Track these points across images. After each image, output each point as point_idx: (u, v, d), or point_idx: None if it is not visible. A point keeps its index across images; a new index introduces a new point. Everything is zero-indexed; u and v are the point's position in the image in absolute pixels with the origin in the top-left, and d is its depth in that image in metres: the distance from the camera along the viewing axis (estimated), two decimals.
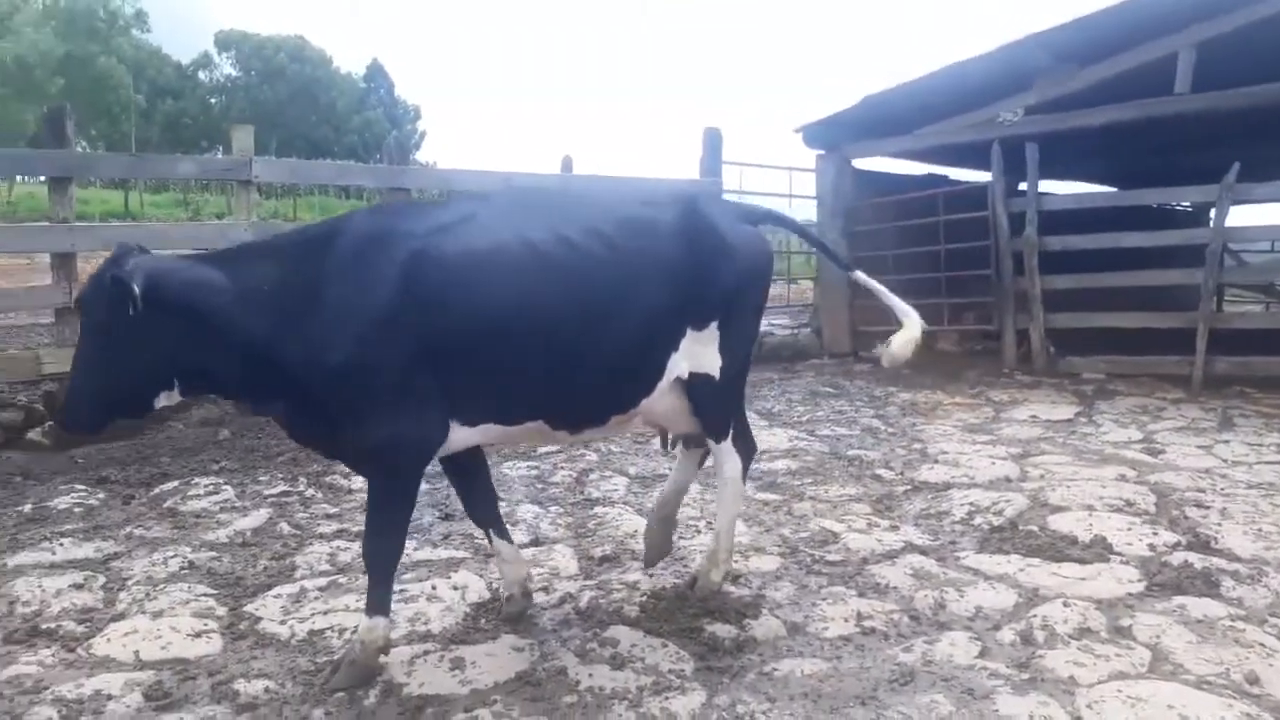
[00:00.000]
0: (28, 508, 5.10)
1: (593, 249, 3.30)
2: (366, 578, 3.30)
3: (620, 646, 3.48)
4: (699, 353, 3.54)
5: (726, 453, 3.79)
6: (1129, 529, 4.79)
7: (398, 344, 3.02)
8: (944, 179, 12.46)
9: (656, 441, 6.84)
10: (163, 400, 3.11)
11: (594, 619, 3.76)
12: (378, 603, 3.25)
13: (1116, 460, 6.31)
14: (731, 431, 3.78)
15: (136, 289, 2.86)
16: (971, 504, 5.26)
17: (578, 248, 3.28)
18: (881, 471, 6.08)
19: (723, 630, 3.63)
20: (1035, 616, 3.70)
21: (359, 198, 36.61)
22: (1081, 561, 4.33)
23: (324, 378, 3.01)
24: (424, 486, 5.64)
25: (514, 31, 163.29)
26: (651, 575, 4.19)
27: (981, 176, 12.33)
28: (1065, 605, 3.81)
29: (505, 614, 3.74)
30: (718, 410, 3.70)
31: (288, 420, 3.24)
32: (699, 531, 4.81)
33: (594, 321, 3.28)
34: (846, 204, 11.63)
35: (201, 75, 63.17)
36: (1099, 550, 4.49)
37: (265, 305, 3.02)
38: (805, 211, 12.15)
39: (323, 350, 2.98)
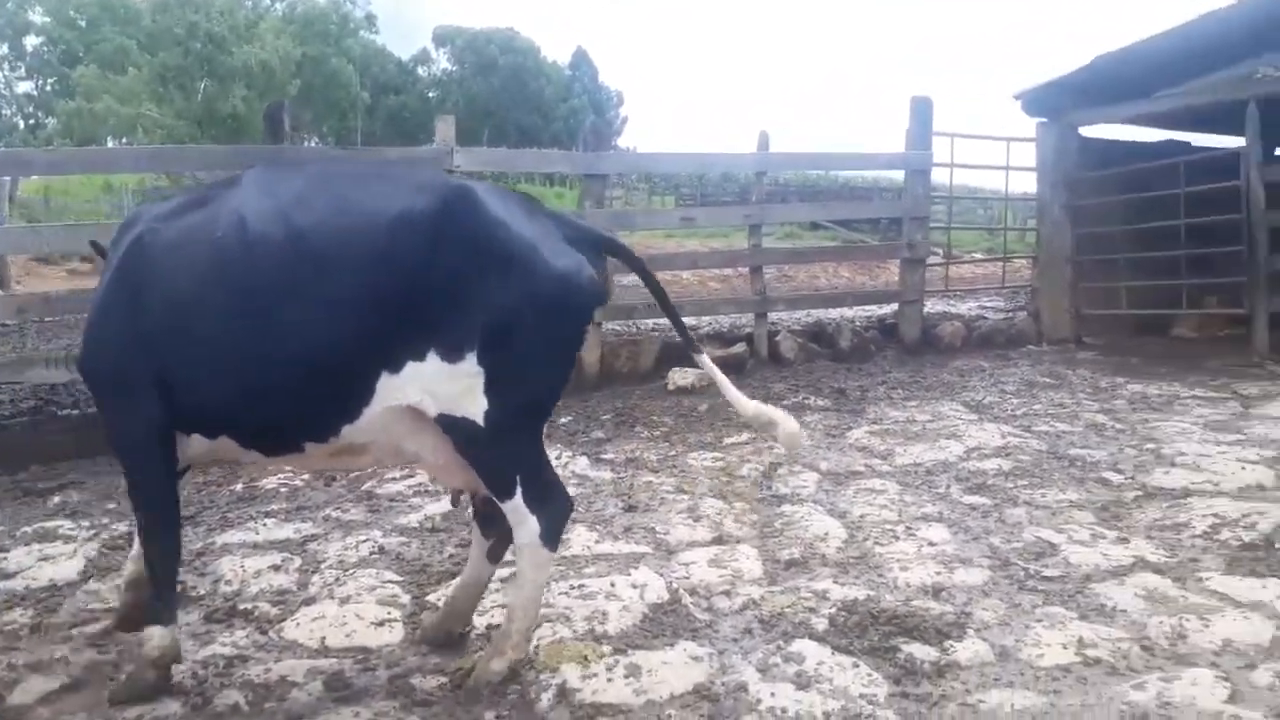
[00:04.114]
0: (239, 486, 5.38)
1: (268, 232, 2.83)
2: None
3: (806, 664, 3.21)
4: (452, 392, 2.85)
5: (518, 514, 3.02)
6: None
7: (119, 338, 2.94)
8: (1184, 145, 11.18)
9: (853, 434, 6.49)
10: None
11: (778, 630, 3.51)
12: (155, 610, 3.08)
13: None
14: (521, 490, 2.99)
15: None
16: (1216, 515, 4.60)
17: (250, 231, 2.84)
18: (1108, 474, 5.45)
19: (921, 652, 3.29)
20: None
21: (561, 184, 37.65)
22: None
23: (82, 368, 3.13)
24: (608, 476, 5.63)
25: (717, 13, 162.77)
26: (842, 584, 3.88)
27: (1229, 142, 11.02)
28: None
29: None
30: (492, 464, 3.00)
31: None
32: (896, 538, 4.44)
33: (263, 316, 2.81)
34: (1070, 175, 10.65)
35: (421, 70, 66.80)
36: None
37: None
38: (1025, 184, 11.25)
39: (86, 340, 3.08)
